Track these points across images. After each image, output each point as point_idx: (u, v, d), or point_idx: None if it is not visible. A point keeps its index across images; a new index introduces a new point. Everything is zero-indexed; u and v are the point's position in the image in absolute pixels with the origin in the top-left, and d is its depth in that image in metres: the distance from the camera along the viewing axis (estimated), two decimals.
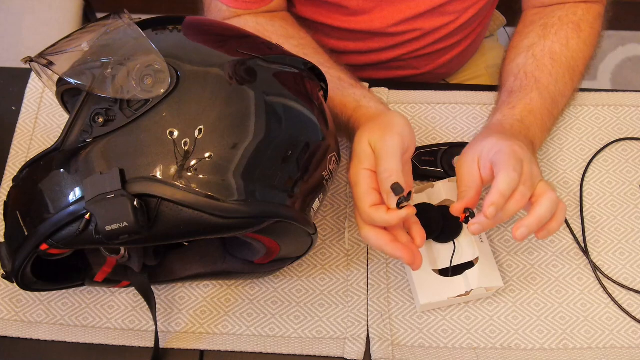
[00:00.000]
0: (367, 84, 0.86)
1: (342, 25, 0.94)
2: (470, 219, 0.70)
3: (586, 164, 0.88)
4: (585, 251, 0.82)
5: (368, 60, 0.99)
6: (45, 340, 0.76)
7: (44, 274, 0.68)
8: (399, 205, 0.67)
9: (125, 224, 0.56)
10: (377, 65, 1.01)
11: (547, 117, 0.84)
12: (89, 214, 0.58)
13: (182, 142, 0.59)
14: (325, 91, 0.75)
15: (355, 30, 0.95)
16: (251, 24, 0.85)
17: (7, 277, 0.66)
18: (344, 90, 0.77)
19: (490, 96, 0.93)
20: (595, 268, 0.81)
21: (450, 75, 1.10)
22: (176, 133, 0.59)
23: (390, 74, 1.03)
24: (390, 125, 0.71)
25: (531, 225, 0.69)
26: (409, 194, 0.68)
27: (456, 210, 0.71)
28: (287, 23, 0.86)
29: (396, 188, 0.66)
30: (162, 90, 0.60)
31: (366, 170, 0.70)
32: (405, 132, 0.71)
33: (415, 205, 0.79)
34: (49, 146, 0.62)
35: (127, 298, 0.79)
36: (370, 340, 0.76)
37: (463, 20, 0.96)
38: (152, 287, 0.75)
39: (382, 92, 0.92)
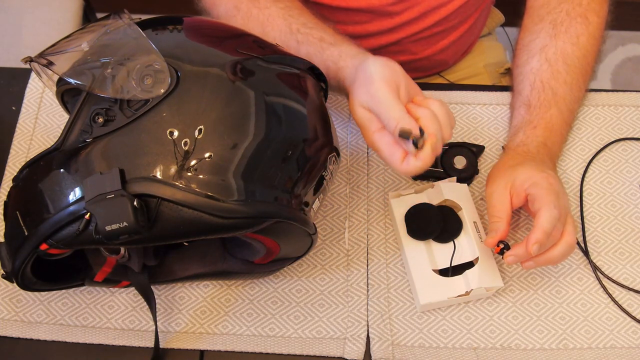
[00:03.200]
0: (348, 39, 0.82)
1: (340, 4, 0.94)
2: (505, 250, 0.73)
3: (586, 164, 0.88)
4: (585, 251, 0.82)
5: (367, 45, 0.99)
6: (45, 340, 0.76)
7: (44, 274, 0.68)
8: (418, 145, 0.67)
9: (125, 224, 0.56)
10: (376, 51, 1.00)
11: (565, 130, 0.87)
12: (88, 214, 0.58)
13: (182, 142, 0.59)
14: (325, 91, 0.75)
15: (354, 9, 0.95)
16: None
17: (7, 277, 0.65)
18: (324, 52, 0.77)
19: (490, 96, 0.93)
20: (595, 268, 0.81)
21: (448, 65, 1.10)
22: (176, 133, 0.59)
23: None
24: (370, 78, 0.71)
25: (540, 263, 0.74)
26: (420, 130, 0.67)
27: (490, 244, 0.74)
28: None
29: (402, 133, 0.67)
30: (162, 90, 0.60)
31: (376, 132, 0.71)
32: (385, 73, 0.71)
33: (415, 205, 0.80)
34: (49, 146, 0.62)
35: (127, 298, 0.79)
36: (370, 340, 0.76)
37: (461, 2, 0.97)
38: (152, 287, 0.75)
39: None
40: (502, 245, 0.73)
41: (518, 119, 0.85)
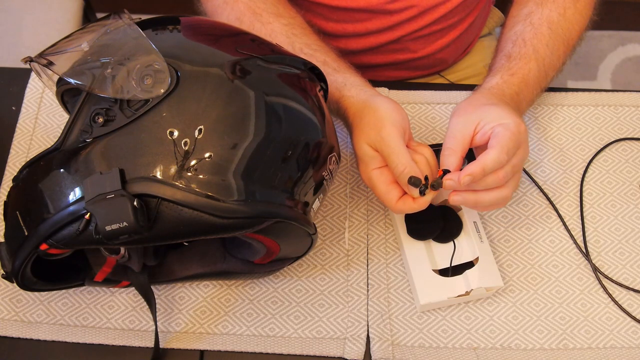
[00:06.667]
0: (351, 67, 0.83)
1: (340, 4, 0.94)
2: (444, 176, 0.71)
3: (586, 164, 0.88)
4: (585, 251, 0.82)
5: (367, 43, 1.00)
6: (45, 340, 0.76)
7: (44, 274, 0.68)
8: (422, 192, 0.71)
9: (125, 224, 0.56)
10: (375, 49, 1.01)
11: (537, 91, 0.85)
12: (88, 214, 0.58)
13: (182, 142, 0.59)
14: (325, 91, 0.75)
15: (353, 9, 0.95)
16: None
17: (7, 277, 0.66)
18: (327, 77, 0.78)
19: None
20: (595, 268, 0.81)
21: (448, 64, 1.10)
22: (176, 133, 0.59)
23: (388, 58, 1.03)
24: (381, 120, 0.72)
25: (468, 202, 0.72)
26: (426, 178, 0.71)
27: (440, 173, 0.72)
28: (278, 1, 0.86)
29: (414, 181, 0.70)
30: (162, 90, 0.60)
31: (376, 170, 0.73)
32: (395, 118, 0.73)
33: None
34: (49, 146, 0.62)
35: (127, 298, 0.79)
36: (370, 340, 0.76)
37: (459, 0, 0.97)
38: (152, 287, 0.75)
39: (382, 92, 0.92)
40: (442, 172, 0.71)
41: (497, 65, 0.84)
